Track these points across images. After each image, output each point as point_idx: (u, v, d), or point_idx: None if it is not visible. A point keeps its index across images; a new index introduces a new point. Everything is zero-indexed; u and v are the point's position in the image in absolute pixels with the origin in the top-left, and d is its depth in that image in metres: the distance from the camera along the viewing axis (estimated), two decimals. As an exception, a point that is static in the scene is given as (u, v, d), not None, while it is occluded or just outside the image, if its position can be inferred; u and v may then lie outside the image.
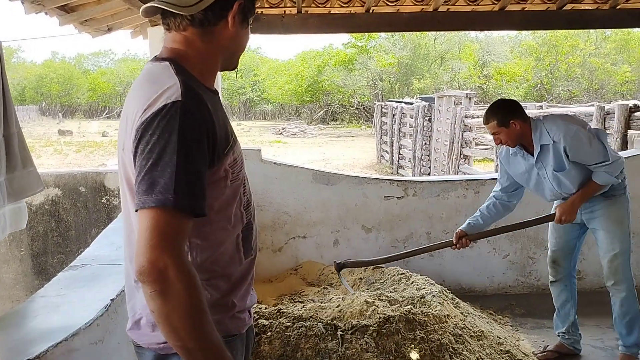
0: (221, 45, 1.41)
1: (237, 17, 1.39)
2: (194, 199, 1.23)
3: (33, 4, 3.01)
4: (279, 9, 4.47)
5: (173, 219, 1.20)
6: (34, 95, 48.99)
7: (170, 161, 1.20)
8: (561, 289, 3.56)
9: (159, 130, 1.22)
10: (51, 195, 4.70)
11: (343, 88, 35.10)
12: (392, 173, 16.64)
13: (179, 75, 1.31)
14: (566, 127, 3.11)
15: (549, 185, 3.26)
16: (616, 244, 3.28)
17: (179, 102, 1.24)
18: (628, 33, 28.13)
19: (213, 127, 1.29)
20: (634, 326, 3.34)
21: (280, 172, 4.66)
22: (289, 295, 4.33)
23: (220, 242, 1.41)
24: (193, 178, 1.23)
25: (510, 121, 3.15)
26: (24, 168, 2.77)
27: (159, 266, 1.17)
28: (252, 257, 1.53)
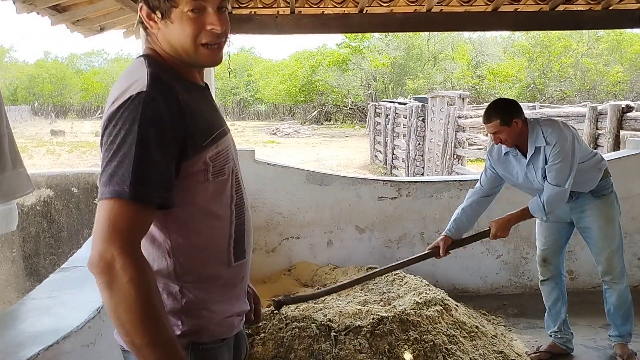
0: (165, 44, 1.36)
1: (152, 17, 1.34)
2: (151, 190, 1.21)
3: (24, 4, 2.99)
4: (272, 9, 4.46)
5: (127, 210, 1.19)
6: (26, 95, 48.78)
7: (129, 152, 1.19)
8: (552, 288, 3.59)
9: (121, 121, 1.21)
10: (43, 196, 4.67)
11: (337, 88, 35.12)
12: (385, 173, 16.66)
13: (150, 67, 1.31)
14: (561, 133, 3.10)
15: (538, 186, 3.25)
16: (611, 241, 3.35)
17: (143, 93, 1.23)
18: (620, 34, 28.30)
19: (183, 117, 1.27)
20: (628, 316, 3.46)
21: (274, 172, 4.65)
22: (282, 296, 4.32)
23: (206, 241, 1.38)
24: (152, 168, 1.21)
25: (513, 120, 3.13)
26: (14, 169, 2.74)
27: (107, 258, 1.16)
28: (243, 260, 1.48)
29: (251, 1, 4.38)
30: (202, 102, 1.40)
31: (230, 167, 1.41)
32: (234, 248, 1.44)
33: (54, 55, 63.62)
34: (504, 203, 3.91)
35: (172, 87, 1.30)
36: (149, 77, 1.28)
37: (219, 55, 1.39)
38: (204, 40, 1.33)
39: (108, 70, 52.88)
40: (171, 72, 1.36)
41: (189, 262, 1.36)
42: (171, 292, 1.36)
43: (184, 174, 1.29)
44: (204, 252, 1.38)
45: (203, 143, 1.32)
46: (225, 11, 1.37)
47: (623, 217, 4.66)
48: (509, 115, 3.13)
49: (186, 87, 1.35)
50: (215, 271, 1.41)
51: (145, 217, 1.23)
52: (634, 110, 7.61)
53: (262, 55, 57.89)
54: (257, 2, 4.40)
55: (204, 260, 1.38)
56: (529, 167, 3.23)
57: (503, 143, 3.22)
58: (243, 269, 1.49)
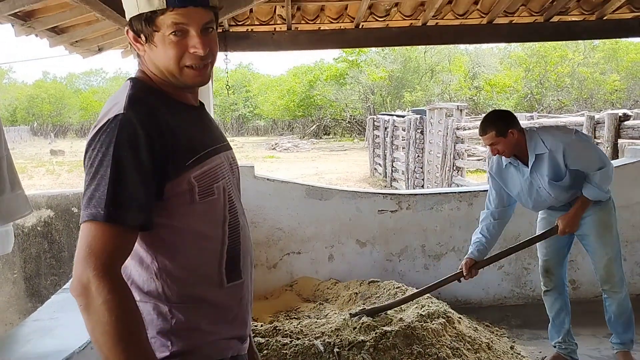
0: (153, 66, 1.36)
1: (138, 40, 1.34)
2: (127, 211, 1.21)
3: (23, 27, 3.02)
4: (269, 26, 4.50)
5: (103, 233, 1.19)
6: (25, 115, 48.93)
7: (104, 174, 1.20)
8: (555, 298, 3.57)
9: (99, 144, 1.23)
10: (43, 217, 4.67)
11: (335, 102, 35.25)
12: (385, 186, 16.67)
13: (132, 90, 1.32)
14: (563, 135, 3.18)
15: (545, 194, 3.27)
16: (609, 249, 3.35)
17: (120, 115, 1.24)
18: (616, 42, 28.43)
19: (162, 137, 1.26)
20: (629, 323, 3.45)
21: (274, 188, 4.65)
22: (284, 311, 4.31)
23: (194, 263, 1.35)
24: (127, 190, 1.21)
25: (508, 131, 3.16)
26: (12, 191, 2.75)
27: (83, 281, 1.17)
28: (239, 281, 1.44)
29: (248, 19, 4.42)
30: (190, 122, 1.39)
31: (221, 187, 1.39)
32: (226, 269, 1.40)
33: (53, 76, 63.70)
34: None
35: (152, 108, 1.30)
36: (127, 99, 1.28)
37: (206, 74, 1.37)
38: (187, 62, 1.32)
39: (107, 89, 53.09)
40: (157, 93, 1.36)
41: (177, 283, 1.33)
42: (161, 312, 1.34)
43: (168, 194, 1.29)
44: (193, 274, 1.35)
45: (186, 163, 1.30)
46: (210, 31, 1.35)
47: (623, 225, 4.66)
48: (505, 126, 3.16)
49: (172, 108, 1.36)
50: (206, 293, 1.37)
51: (123, 239, 1.23)
52: (632, 119, 7.62)
53: (260, 71, 58.15)
54: (254, 20, 4.44)
55: (193, 281, 1.35)
56: (533, 175, 3.24)
57: (501, 154, 3.25)
58: (239, 291, 1.45)
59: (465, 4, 4.40)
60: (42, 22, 3.12)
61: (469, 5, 4.43)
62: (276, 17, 4.43)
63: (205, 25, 1.32)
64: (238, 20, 4.40)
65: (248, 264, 1.49)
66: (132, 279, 1.34)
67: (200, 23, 1.31)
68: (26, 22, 3.03)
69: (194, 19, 1.30)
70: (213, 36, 1.36)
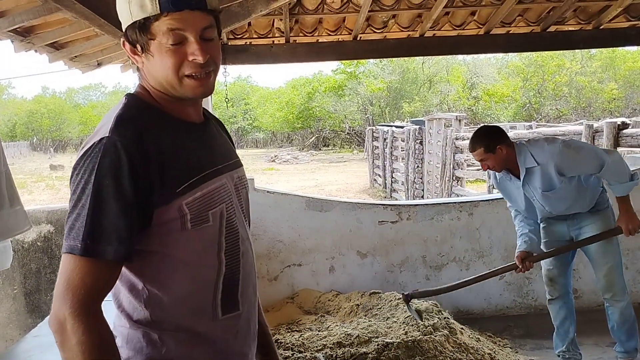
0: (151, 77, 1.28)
1: (135, 51, 1.26)
2: (106, 245, 1.13)
3: (23, 43, 3.03)
4: (268, 39, 4.52)
5: (81, 267, 1.12)
6: (24, 130, 49.00)
7: (85, 203, 1.13)
8: (560, 307, 3.57)
9: (82, 170, 1.16)
10: (43, 232, 4.66)
11: (334, 114, 35.36)
12: (385, 197, 16.66)
13: (123, 109, 1.24)
14: (550, 147, 3.18)
15: (538, 205, 3.34)
16: (609, 257, 3.36)
17: (104, 139, 1.16)
18: (613, 51, 28.58)
19: (148, 162, 1.17)
20: (632, 332, 3.45)
21: (274, 200, 4.65)
22: (286, 324, 4.29)
23: (185, 293, 1.26)
24: (107, 221, 1.13)
25: (497, 147, 3.21)
26: (11, 207, 2.76)
27: (60, 318, 1.11)
28: (235, 312, 1.34)
29: (246, 32, 4.45)
30: (188, 142, 1.29)
31: (218, 212, 1.29)
32: (221, 300, 1.30)
33: (52, 91, 63.90)
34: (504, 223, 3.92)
35: (140, 130, 1.20)
36: (114, 120, 1.19)
37: (208, 84, 1.27)
38: (187, 71, 1.22)
39: (106, 103, 53.25)
40: (153, 111, 1.28)
41: (167, 313, 1.26)
42: (151, 339, 1.26)
43: (157, 221, 1.20)
44: (184, 304, 1.27)
45: (177, 189, 1.21)
46: (211, 37, 1.26)
47: (624, 234, 4.65)
48: (493, 143, 3.21)
49: (168, 127, 1.27)
50: (197, 325, 1.29)
51: (103, 274, 1.15)
52: (630, 127, 7.65)
53: (258, 84, 58.20)
54: (252, 33, 4.46)
55: (184, 312, 1.27)
56: (526, 188, 3.29)
57: (491, 169, 3.31)
58: (235, 324, 1.35)
59: (463, 15, 4.43)
60: (41, 38, 3.13)
61: (466, 16, 4.46)
62: (274, 30, 4.46)
63: (204, 30, 1.23)
64: (237, 33, 4.42)
65: (249, 294, 1.39)
66: (122, 306, 1.28)
67: (198, 28, 1.21)
68: (26, 38, 3.04)
69: (191, 23, 1.20)
70: (214, 43, 1.26)
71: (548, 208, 3.32)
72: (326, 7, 4.14)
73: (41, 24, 3.01)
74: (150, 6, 1.18)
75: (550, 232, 3.51)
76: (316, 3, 4.10)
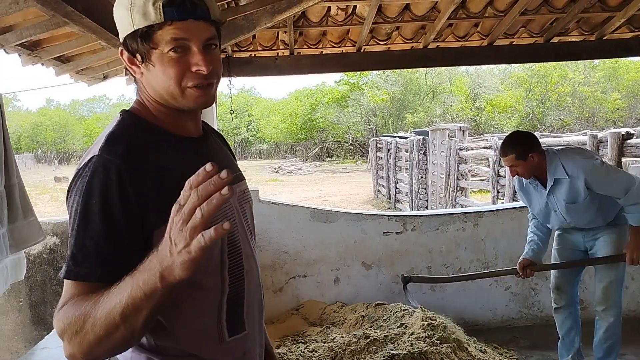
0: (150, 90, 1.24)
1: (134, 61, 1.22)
2: (88, 267, 1.07)
3: (30, 56, 3.06)
4: (272, 52, 4.55)
5: (68, 289, 1.09)
6: (29, 143, 49.18)
7: (74, 225, 1.10)
8: (566, 316, 3.57)
9: (74, 191, 1.13)
10: (49, 244, 4.67)
11: (337, 124, 35.39)
12: (389, 208, 16.64)
13: (116, 127, 1.20)
14: (584, 162, 3.16)
15: (559, 216, 3.32)
16: (612, 272, 3.34)
17: (94, 157, 1.13)
18: (616, 61, 28.55)
19: (145, 181, 1.13)
20: (611, 351, 3.41)
21: (278, 211, 4.66)
22: (291, 336, 4.28)
23: (188, 317, 1.21)
24: (92, 241, 1.08)
25: (529, 154, 3.18)
26: (24, 218, 2.78)
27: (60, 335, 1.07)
28: (242, 333, 1.29)
29: (251, 44, 4.47)
30: (186, 158, 1.23)
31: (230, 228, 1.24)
32: (227, 321, 1.26)
33: (57, 103, 64.10)
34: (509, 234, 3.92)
35: (133, 148, 1.15)
36: (105, 138, 1.16)
37: (210, 95, 1.23)
38: (190, 83, 1.19)
39: (110, 115, 53.37)
40: (149, 127, 1.23)
41: (171, 338, 1.21)
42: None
43: (156, 241, 1.10)
44: (187, 328, 1.21)
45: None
46: (214, 48, 1.22)
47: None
48: (526, 150, 3.18)
49: (165, 144, 1.22)
50: (203, 349, 1.23)
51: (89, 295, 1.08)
52: (634, 137, 7.65)
53: (262, 95, 58.47)
54: (256, 45, 4.49)
55: (189, 336, 1.22)
56: (550, 198, 3.27)
57: (520, 176, 3.28)
58: (242, 345, 1.30)
59: (466, 26, 4.45)
60: (48, 52, 3.15)
61: (469, 28, 4.48)
62: (279, 43, 4.49)
63: (208, 41, 1.19)
64: (241, 46, 4.45)
65: (255, 313, 1.35)
66: None
67: (202, 38, 1.18)
68: (33, 52, 3.06)
69: (195, 33, 1.16)
70: (216, 54, 1.24)
71: (569, 220, 3.32)
72: (330, 19, 4.17)
73: (48, 37, 3.04)
74: (154, 14, 1.13)
75: (566, 240, 3.51)
76: (320, 15, 4.13)
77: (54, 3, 1.95)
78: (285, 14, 3.54)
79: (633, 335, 4.27)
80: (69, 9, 2.01)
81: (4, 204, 2.69)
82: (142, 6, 1.14)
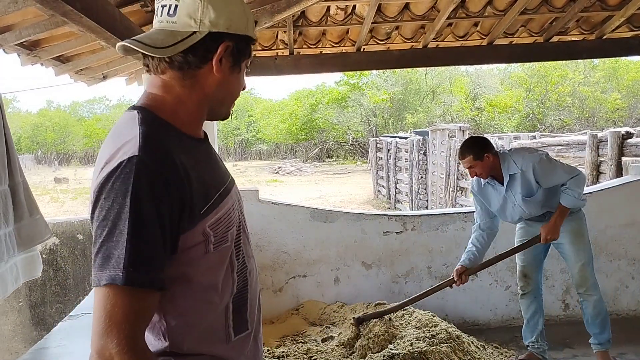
0: (205, 91, 1.22)
1: (225, 60, 1.21)
2: (149, 273, 1.06)
3: (29, 56, 3.06)
4: (272, 51, 4.55)
5: (123, 299, 1.04)
6: (29, 144, 49.19)
7: (123, 229, 1.04)
8: (530, 301, 3.84)
9: (113, 192, 1.06)
10: (49, 244, 4.67)
11: (337, 125, 35.41)
12: (389, 208, 16.65)
13: (143, 125, 1.15)
14: (531, 156, 3.48)
15: (518, 209, 3.58)
16: (582, 255, 3.62)
17: (135, 158, 1.07)
18: (616, 61, 28.61)
19: (182, 183, 1.11)
20: (605, 324, 3.69)
21: (278, 211, 4.65)
22: (291, 336, 4.28)
23: (200, 318, 1.22)
24: (149, 248, 1.06)
25: (484, 155, 3.49)
26: (30, 216, 2.79)
27: (106, 356, 1.03)
28: (246, 332, 1.32)
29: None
30: (200, 159, 1.24)
31: (233, 233, 1.26)
32: (233, 321, 1.28)
33: (57, 104, 64.08)
34: (508, 234, 3.93)
35: (168, 149, 1.13)
36: (141, 138, 1.11)
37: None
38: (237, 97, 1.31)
39: (110, 116, 53.42)
40: (169, 127, 1.20)
41: (184, 341, 1.21)
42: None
43: (182, 247, 1.14)
44: (200, 330, 1.23)
45: (201, 211, 1.15)
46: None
47: (629, 243, 4.68)
48: (481, 151, 3.50)
49: (184, 145, 1.20)
50: (211, 349, 1.25)
51: (146, 304, 1.08)
52: (634, 137, 7.65)
53: (262, 96, 58.40)
54: (256, 45, 4.48)
55: (199, 338, 1.23)
56: (508, 193, 3.56)
57: (479, 176, 3.59)
58: (245, 344, 1.32)
59: (466, 26, 4.45)
60: (47, 52, 3.15)
61: (469, 27, 4.48)
62: (278, 42, 4.49)
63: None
64: (241, 46, 4.45)
65: (255, 312, 1.37)
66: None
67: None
68: (32, 52, 3.06)
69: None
70: None
71: (527, 211, 3.58)
72: (330, 19, 4.17)
73: (47, 37, 3.04)
74: (253, 32, 1.25)
75: (527, 232, 3.79)
76: (320, 15, 4.13)
77: (53, 2, 1.94)
78: (284, 14, 3.55)
79: (633, 335, 4.28)
80: (68, 8, 2.00)
81: (9, 203, 2.70)
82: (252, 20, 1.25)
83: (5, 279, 2.63)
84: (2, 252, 2.56)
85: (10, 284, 2.69)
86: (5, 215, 2.64)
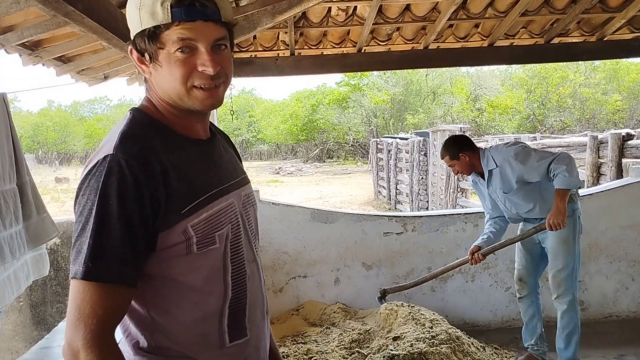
0: (156, 91, 1.24)
1: (141, 61, 1.21)
2: (113, 268, 1.08)
3: (31, 56, 3.06)
4: (273, 52, 4.56)
5: (92, 293, 1.06)
6: (30, 144, 49.18)
7: (89, 226, 1.07)
8: (528, 305, 3.83)
9: (88, 190, 1.10)
10: (49, 244, 4.67)
11: (338, 126, 35.41)
12: (390, 209, 16.64)
13: (127, 125, 1.19)
14: (507, 149, 3.51)
15: (502, 206, 3.64)
16: (560, 261, 3.56)
17: (109, 156, 1.10)
18: (617, 63, 28.58)
19: (156, 182, 1.12)
20: (571, 340, 3.59)
21: (279, 212, 4.66)
22: (291, 336, 4.28)
23: (189, 321, 1.21)
24: (111, 243, 1.07)
25: (459, 154, 3.59)
26: (38, 214, 2.81)
27: (73, 348, 1.06)
28: (244, 339, 1.29)
29: (252, 45, 4.48)
30: (193, 160, 1.23)
31: (225, 234, 1.24)
32: (228, 326, 1.25)
33: (58, 104, 64.14)
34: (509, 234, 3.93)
35: (145, 147, 1.15)
36: (118, 137, 1.14)
37: (217, 96, 1.22)
38: (196, 82, 1.17)
39: (111, 116, 53.44)
40: (159, 126, 1.22)
41: (172, 341, 1.21)
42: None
43: (162, 245, 1.15)
44: (189, 332, 1.21)
45: (182, 211, 1.15)
46: (223, 49, 1.21)
47: (630, 245, 4.67)
48: (456, 150, 3.60)
49: (173, 145, 1.21)
50: (204, 353, 1.23)
51: (114, 299, 1.09)
52: (635, 138, 7.65)
53: (262, 96, 58.60)
54: (257, 46, 4.50)
55: (190, 340, 1.21)
56: (490, 188, 3.61)
57: (461, 174, 3.67)
58: (243, 351, 1.29)
59: (466, 27, 4.45)
60: (49, 52, 3.16)
61: (470, 29, 4.48)
62: (279, 43, 4.49)
63: (217, 41, 1.18)
64: (242, 46, 4.46)
65: (258, 318, 1.34)
66: (127, 331, 1.23)
67: (210, 39, 1.16)
68: (33, 52, 3.07)
69: (203, 34, 1.15)
70: (226, 54, 1.22)
71: (511, 209, 3.60)
72: (331, 20, 4.18)
73: (49, 37, 3.05)
74: (162, 14, 1.13)
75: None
76: (321, 16, 4.13)
77: (55, 3, 1.95)
78: (285, 15, 3.55)
79: (633, 336, 4.28)
80: (70, 8, 2.01)
81: (18, 202, 2.71)
82: (151, 6, 1.14)
83: (18, 276, 2.64)
84: (14, 250, 2.57)
85: (22, 281, 2.71)
86: (15, 213, 2.66)
